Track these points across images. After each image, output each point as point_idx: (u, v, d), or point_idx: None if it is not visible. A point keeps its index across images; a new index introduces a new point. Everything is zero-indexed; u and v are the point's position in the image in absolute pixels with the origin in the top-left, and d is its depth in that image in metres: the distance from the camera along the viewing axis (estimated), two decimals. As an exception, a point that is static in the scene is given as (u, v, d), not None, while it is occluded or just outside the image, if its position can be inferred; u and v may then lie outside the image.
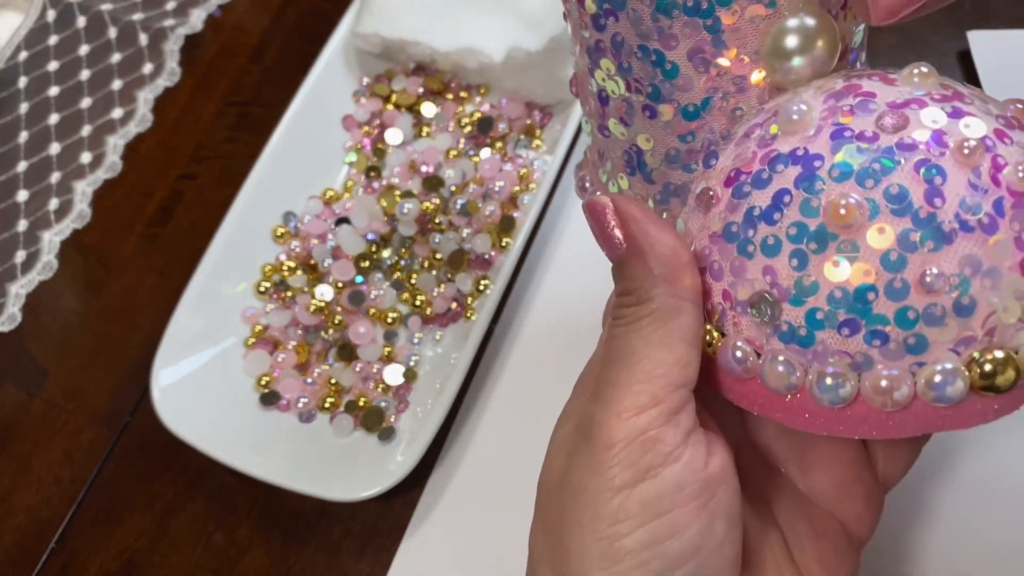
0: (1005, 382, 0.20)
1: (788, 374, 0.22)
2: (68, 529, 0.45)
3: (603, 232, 0.24)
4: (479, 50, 0.48)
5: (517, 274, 0.46)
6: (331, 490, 0.40)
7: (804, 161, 0.22)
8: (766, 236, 0.22)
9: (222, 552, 0.43)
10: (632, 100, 0.26)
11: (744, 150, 0.23)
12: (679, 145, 0.26)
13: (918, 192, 0.20)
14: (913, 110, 0.21)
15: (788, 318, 0.22)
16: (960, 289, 0.20)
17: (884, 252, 0.20)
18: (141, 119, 0.56)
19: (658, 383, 0.22)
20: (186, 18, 0.59)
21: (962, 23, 0.50)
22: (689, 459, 0.22)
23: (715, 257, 0.23)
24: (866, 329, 0.21)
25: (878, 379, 0.21)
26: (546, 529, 0.24)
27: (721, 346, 0.23)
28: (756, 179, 0.22)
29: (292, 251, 0.48)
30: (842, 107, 0.22)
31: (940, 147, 0.21)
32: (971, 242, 0.20)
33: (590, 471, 0.23)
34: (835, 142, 0.21)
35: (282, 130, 0.48)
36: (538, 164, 0.49)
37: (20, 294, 0.51)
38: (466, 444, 0.43)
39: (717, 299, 0.23)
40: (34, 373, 0.49)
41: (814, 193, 0.21)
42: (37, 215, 0.53)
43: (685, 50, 0.24)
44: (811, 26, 0.24)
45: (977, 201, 0.20)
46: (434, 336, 0.45)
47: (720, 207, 0.23)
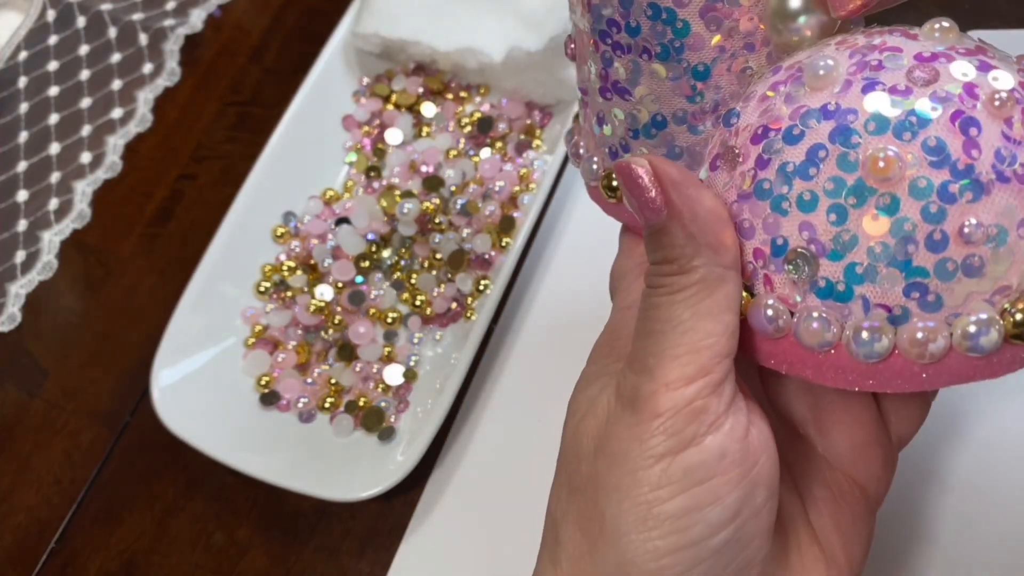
0: None
1: (823, 330, 0.22)
2: (68, 529, 0.45)
3: (640, 197, 0.23)
4: (479, 50, 0.48)
5: (517, 274, 0.46)
6: (331, 490, 0.40)
7: (837, 115, 0.21)
8: (802, 192, 0.22)
9: (222, 552, 0.43)
10: (639, 61, 0.25)
11: (770, 106, 0.23)
12: (686, 105, 0.25)
13: (955, 144, 0.20)
14: (942, 63, 0.21)
15: (825, 273, 0.21)
16: (998, 240, 0.20)
17: (924, 205, 0.20)
18: (141, 119, 0.56)
19: (705, 354, 0.22)
20: (186, 18, 0.59)
21: (961, 23, 0.49)
22: (731, 427, 0.22)
23: (745, 215, 0.23)
24: (906, 282, 0.21)
25: (915, 331, 0.21)
26: (573, 489, 0.24)
27: (752, 305, 0.23)
28: (787, 135, 0.22)
29: (292, 251, 0.48)
30: (870, 62, 0.22)
31: (972, 99, 0.21)
32: (1008, 193, 0.20)
33: (634, 439, 0.23)
34: (867, 95, 0.21)
35: (282, 130, 0.48)
36: (538, 164, 0.49)
37: (20, 294, 0.51)
38: (466, 444, 0.43)
39: (748, 258, 0.23)
40: (34, 373, 0.49)
41: (851, 147, 0.21)
42: (37, 215, 0.53)
43: (697, 8, 0.24)
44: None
45: (1012, 151, 0.20)
46: (434, 336, 0.45)
47: (748, 164, 0.23)
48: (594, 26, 0.27)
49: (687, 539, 0.22)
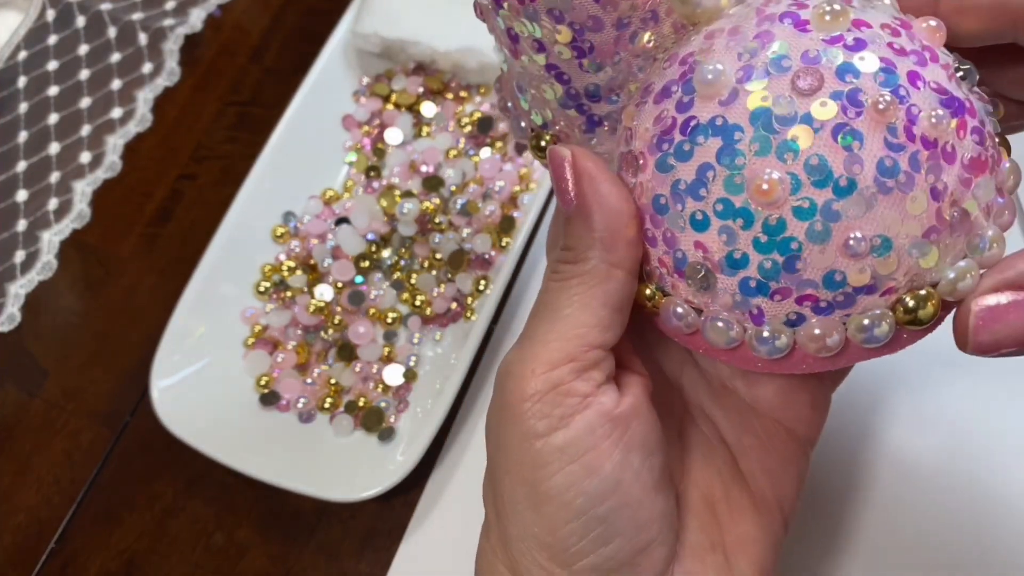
0: (926, 316, 0.22)
1: (727, 330, 0.23)
2: (68, 529, 0.45)
3: (559, 185, 0.24)
4: (479, 49, 0.48)
5: (517, 274, 0.46)
6: (331, 490, 0.40)
7: (724, 132, 0.22)
8: (694, 211, 0.22)
9: (222, 552, 0.43)
10: (543, 40, 0.25)
11: (663, 113, 0.23)
12: (596, 80, 0.25)
13: (837, 161, 0.21)
14: (827, 67, 0.21)
15: (723, 286, 0.23)
16: (882, 248, 0.21)
17: (809, 225, 0.21)
18: (141, 119, 0.56)
19: (573, 343, 0.23)
20: (186, 18, 0.58)
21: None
22: (599, 404, 0.24)
23: (648, 225, 0.24)
24: (796, 293, 0.22)
25: (811, 330, 0.22)
26: (487, 473, 0.26)
27: (663, 305, 0.24)
28: (679, 151, 0.22)
29: (292, 251, 0.48)
30: (755, 65, 0.22)
31: (856, 107, 0.21)
32: (890, 203, 0.21)
33: (510, 421, 0.24)
34: (752, 111, 0.22)
35: (282, 130, 0.48)
36: (538, 164, 0.49)
37: (20, 294, 0.51)
38: (466, 444, 0.43)
39: (655, 263, 0.24)
40: (34, 373, 0.49)
41: (736, 170, 0.22)
42: (36, 215, 0.53)
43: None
44: None
45: (894, 160, 0.21)
46: (434, 336, 0.45)
47: (647, 175, 0.23)
48: (494, 6, 0.26)
49: (574, 511, 0.23)
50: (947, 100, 0.22)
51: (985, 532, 0.37)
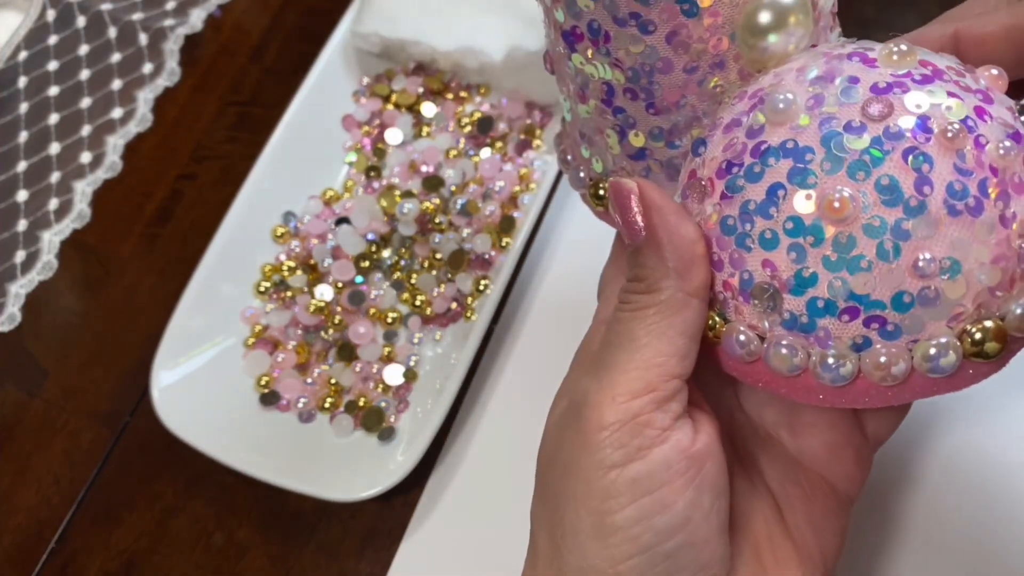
0: (993, 349, 0.22)
1: (791, 356, 0.23)
2: (68, 529, 0.45)
3: (625, 217, 0.24)
4: (479, 50, 0.48)
5: (517, 274, 0.46)
6: (331, 490, 0.40)
7: (795, 154, 0.22)
8: (763, 230, 0.23)
9: (222, 552, 0.43)
10: (612, 82, 0.26)
11: (734, 140, 0.24)
12: (661, 123, 0.26)
13: (907, 182, 0.21)
14: (896, 95, 0.22)
15: (790, 307, 0.23)
16: (951, 271, 0.21)
17: (879, 243, 0.21)
18: (141, 119, 0.56)
19: (654, 372, 0.23)
20: (186, 18, 0.58)
21: (962, 23, 0.50)
22: (677, 440, 0.24)
23: (714, 248, 0.24)
24: (864, 315, 0.22)
25: (877, 357, 0.22)
26: (543, 499, 0.26)
27: (725, 332, 0.24)
28: (749, 172, 0.23)
29: (292, 251, 0.48)
30: (826, 95, 0.23)
31: (925, 133, 0.21)
32: (959, 226, 0.21)
33: (583, 448, 0.24)
34: (824, 134, 0.22)
35: (282, 130, 0.48)
36: (538, 164, 0.49)
37: (20, 294, 0.51)
38: (466, 444, 0.43)
39: (719, 288, 0.24)
40: (34, 373, 0.49)
41: (807, 188, 0.22)
42: (37, 215, 0.53)
43: (664, 34, 0.24)
44: (785, 3, 0.24)
45: (963, 184, 0.21)
46: (434, 336, 0.45)
47: (714, 198, 0.24)
48: (567, 51, 0.26)
49: (639, 546, 0.23)
50: (1014, 134, 0.22)
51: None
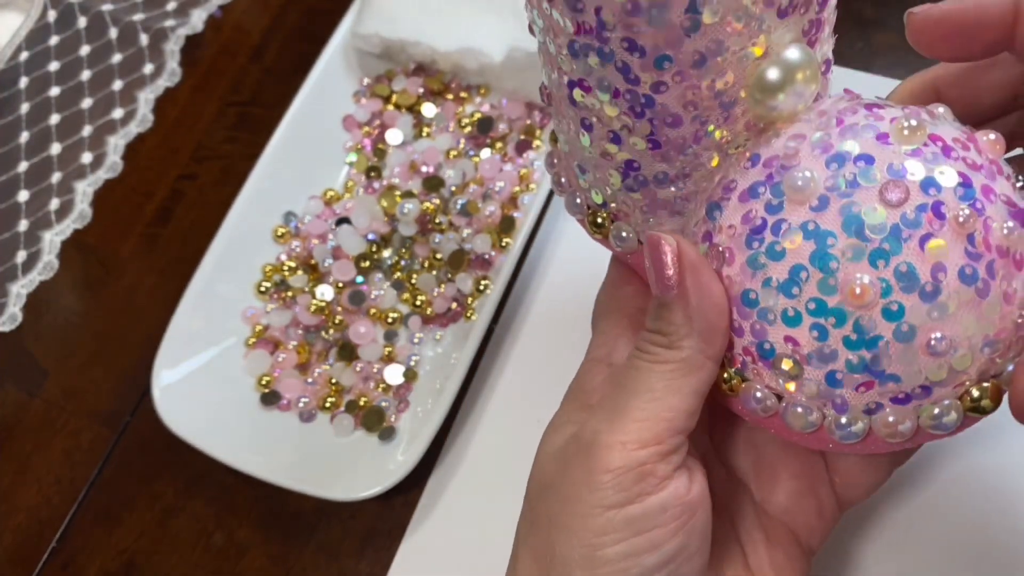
0: (989, 405, 0.24)
1: (807, 415, 0.25)
2: (68, 529, 0.45)
3: (660, 270, 0.25)
4: (479, 50, 0.48)
5: (517, 274, 0.46)
6: (331, 490, 0.40)
7: (817, 237, 0.23)
8: (786, 308, 0.24)
9: (222, 552, 0.43)
10: (619, 132, 0.26)
11: (752, 213, 0.25)
12: (666, 168, 0.27)
13: (924, 268, 0.23)
14: (912, 179, 0.23)
15: (809, 376, 0.24)
16: (959, 348, 0.23)
17: (896, 326, 0.23)
18: (142, 119, 0.56)
19: (663, 425, 0.25)
20: (186, 18, 0.59)
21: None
22: (674, 488, 0.25)
23: (735, 316, 0.25)
24: (879, 387, 0.24)
25: (886, 417, 0.24)
26: (532, 523, 0.27)
27: (743, 389, 0.26)
28: (770, 251, 0.24)
29: (292, 251, 0.48)
30: (845, 175, 0.24)
31: (940, 219, 0.23)
32: (969, 307, 0.23)
33: (585, 485, 0.25)
34: (844, 218, 0.23)
35: (282, 130, 0.48)
36: (538, 164, 0.49)
37: (21, 294, 0.51)
38: (466, 444, 0.43)
39: (738, 351, 0.26)
40: (34, 373, 0.49)
41: (830, 273, 0.23)
42: (38, 215, 0.53)
43: (676, 94, 0.25)
44: (793, 61, 0.25)
45: (973, 268, 0.23)
46: (434, 336, 0.45)
47: (734, 268, 0.25)
48: (570, 96, 0.27)
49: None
50: (1016, 212, 0.24)
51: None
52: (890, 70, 0.49)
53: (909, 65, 0.53)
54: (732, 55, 0.24)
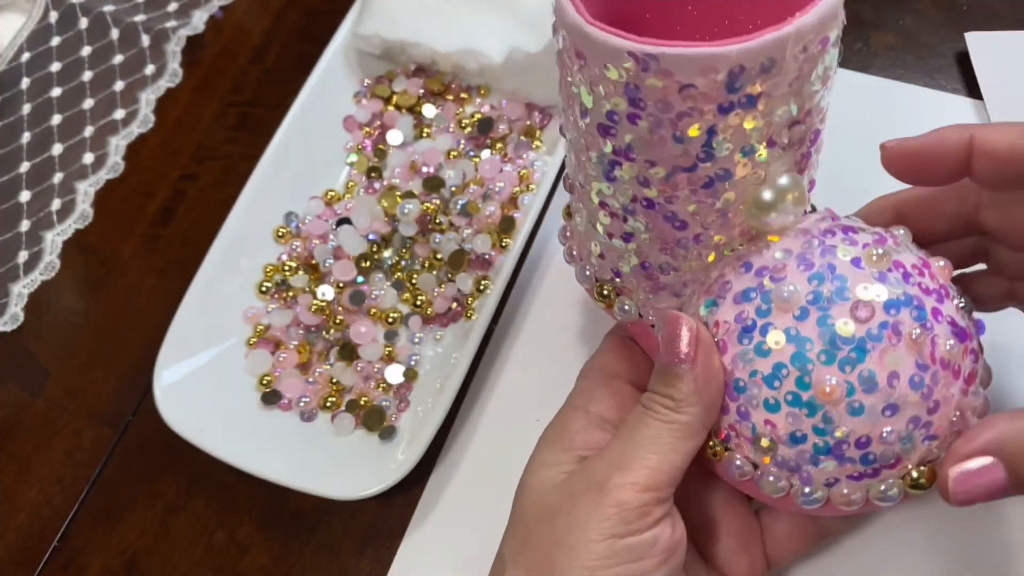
0: (926, 484, 0.29)
1: (776, 483, 0.30)
2: (70, 528, 0.45)
3: (675, 347, 0.30)
4: (479, 51, 0.48)
5: (517, 274, 0.46)
6: (332, 489, 0.40)
7: (797, 341, 0.28)
8: (767, 397, 0.29)
9: (223, 551, 0.43)
10: (633, 232, 0.32)
11: (744, 314, 0.30)
12: (671, 261, 0.32)
13: (882, 376, 0.28)
14: (878, 301, 0.28)
15: (782, 454, 0.29)
16: (905, 440, 0.28)
17: (857, 420, 0.28)
18: (143, 120, 0.56)
19: (664, 476, 0.30)
20: (187, 19, 0.59)
21: (960, 24, 0.50)
22: (663, 527, 0.30)
23: (725, 398, 0.30)
24: (839, 467, 0.29)
25: (842, 490, 0.29)
26: (527, 545, 0.31)
27: (726, 457, 0.31)
28: (758, 348, 0.29)
29: (293, 251, 0.48)
30: (823, 291, 0.29)
31: (897, 336, 0.28)
32: (915, 408, 0.28)
33: (594, 515, 0.29)
34: (821, 329, 0.28)
35: (283, 131, 0.48)
36: (538, 164, 0.49)
37: (22, 294, 0.51)
38: (466, 443, 0.43)
39: (725, 426, 0.30)
40: (36, 373, 0.49)
41: (806, 372, 0.28)
42: (39, 215, 0.53)
43: (685, 205, 0.30)
44: (786, 185, 0.29)
45: (921, 376, 0.28)
46: (435, 336, 0.46)
47: (727, 358, 0.30)
48: (586, 186, 0.32)
49: None
50: (958, 331, 0.29)
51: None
52: (889, 71, 0.49)
53: (907, 66, 0.53)
54: (735, 180, 0.29)
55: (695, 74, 0.26)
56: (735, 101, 0.27)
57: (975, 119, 0.47)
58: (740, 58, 0.26)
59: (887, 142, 0.31)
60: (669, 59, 0.26)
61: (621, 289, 0.34)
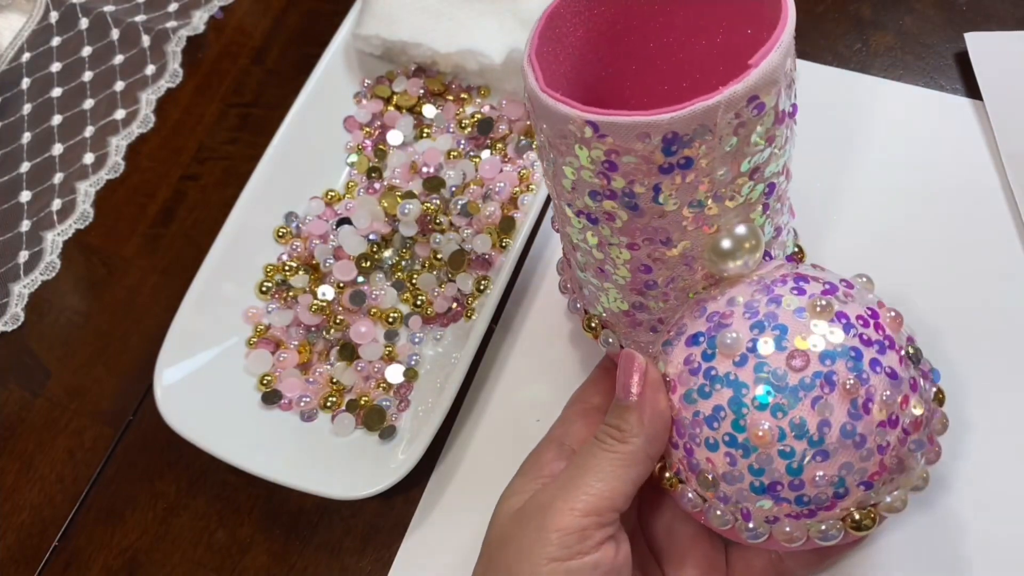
0: (868, 525, 0.30)
1: (723, 516, 0.31)
2: (71, 527, 0.45)
3: (626, 381, 0.32)
4: (479, 52, 0.48)
5: (517, 274, 0.47)
6: (332, 488, 0.40)
7: (735, 386, 0.30)
8: (708, 436, 0.30)
9: (224, 550, 0.43)
10: (606, 268, 0.34)
11: (691, 356, 0.31)
12: (643, 299, 0.34)
13: (813, 423, 0.29)
14: (814, 350, 0.29)
15: (723, 490, 0.31)
16: (838, 485, 0.29)
17: (788, 463, 0.29)
18: (143, 120, 0.56)
19: (605, 502, 0.31)
20: (188, 20, 0.59)
21: (960, 24, 0.50)
22: (606, 550, 0.31)
23: (674, 434, 0.32)
24: (776, 506, 0.30)
25: (783, 528, 0.30)
26: (487, 568, 0.32)
27: (680, 490, 0.32)
28: (701, 391, 0.31)
29: (294, 251, 0.48)
30: (761, 340, 0.30)
31: (830, 385, 0.29)
32: (846, 454, 0.29)
33: (537, 539, 0.31)
34: (757, 375, 0.30)
35: (284, 131, 0.48)
36: (538, 165, 0.49)
37: (23, 294, 0.51)
38: (466, 443, 0.43)
39: (676, 460, 0.32)
40: (37, 372, 0.49)
41: (741, 416, 0.30)
42: (40, 215, 0.53)
43: (646, 253, 0.32)
44: (743, 234, 0.31)
45: (853, 425, 0.29)
46: (435, 335, 0.46)
47: (675, 397, 0.32)
48: (572, 244, 0.34)
49: None
50: (897, 383, 0.30)
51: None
52: (888, 71, 0.49)
53: (906, 67, 0.53)
54: (688, 231, 0.31)
55: (632, 140, 0.28)
56: (673, 163, 0.29)
57: (975, 119, 0.47)
58: (672, 125, 0.28)
59: None
60: (607, 126, 0.28)
61: (605, 323, 0.37)
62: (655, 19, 0.35)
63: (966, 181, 0.45)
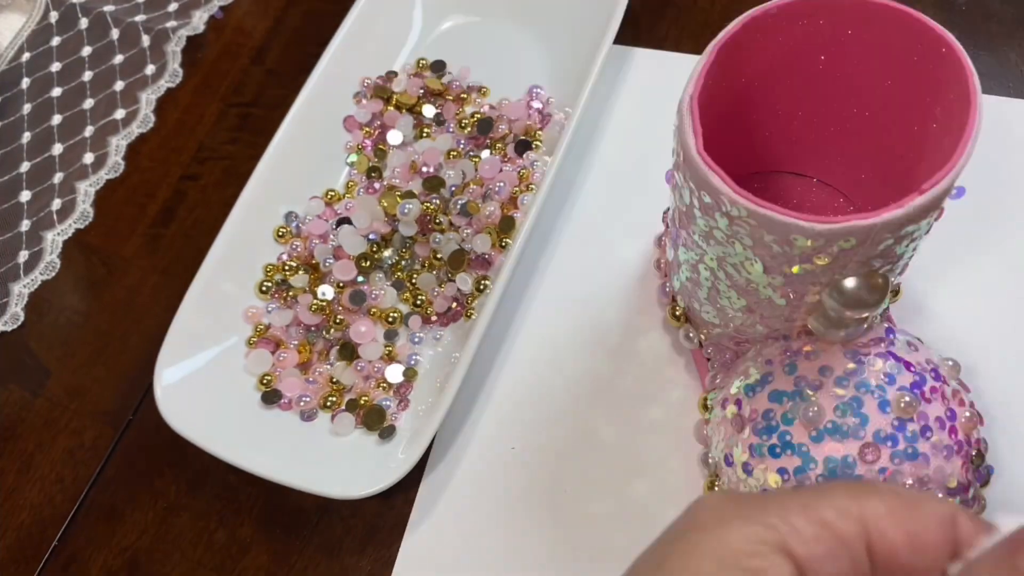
0: None
1: None
2: (71, 527, 0.45)
3: None
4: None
5: (517, 274, 0.47)
6: (332, 488, 0.40)
7: (804, 457, 0.31)
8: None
9: (224, 550, 0.43)
10: (720, 303, 0.35)
11: (772, 413, 0.32)
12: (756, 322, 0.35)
13: None
14: (887, 449, 0.30)
15: None
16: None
17: None
18: (143, 120, 0.56)
19: None
20: (188, 19, 0.59)
21: (957, 23, 0.50)
22: None
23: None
24: None
25: None
26: None
27: None
28: (771, 450, 0.32)
29: (294, 251, 0.48)
30: (841, 427, 0.30)
31: (892, 483, 0.30)
32: None
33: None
34: (827, 456, 0.30)
35: (284, 131, 0.48)
36: (538, 164, 0.49)
37: (23, 293, 0.51)
38: (466, 443, 0.43)
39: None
40: (37, 372, 0.49)
41: (802, 486, 0.30)
42: (40, 215, 0.53)
43: (764, 293, 0.32)
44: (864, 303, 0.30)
45: None
46: (434, 335, 0.46)
47: (743, 436, 0.33)
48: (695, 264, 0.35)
49: None
50: (953, 490, 0.30)
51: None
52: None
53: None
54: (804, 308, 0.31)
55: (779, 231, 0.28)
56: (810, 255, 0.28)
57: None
58: (824, 234, 0.27)
59: None
60: (760, 217, 0.28)
61: (692, 319, 0.38)
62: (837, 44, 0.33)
63: None
